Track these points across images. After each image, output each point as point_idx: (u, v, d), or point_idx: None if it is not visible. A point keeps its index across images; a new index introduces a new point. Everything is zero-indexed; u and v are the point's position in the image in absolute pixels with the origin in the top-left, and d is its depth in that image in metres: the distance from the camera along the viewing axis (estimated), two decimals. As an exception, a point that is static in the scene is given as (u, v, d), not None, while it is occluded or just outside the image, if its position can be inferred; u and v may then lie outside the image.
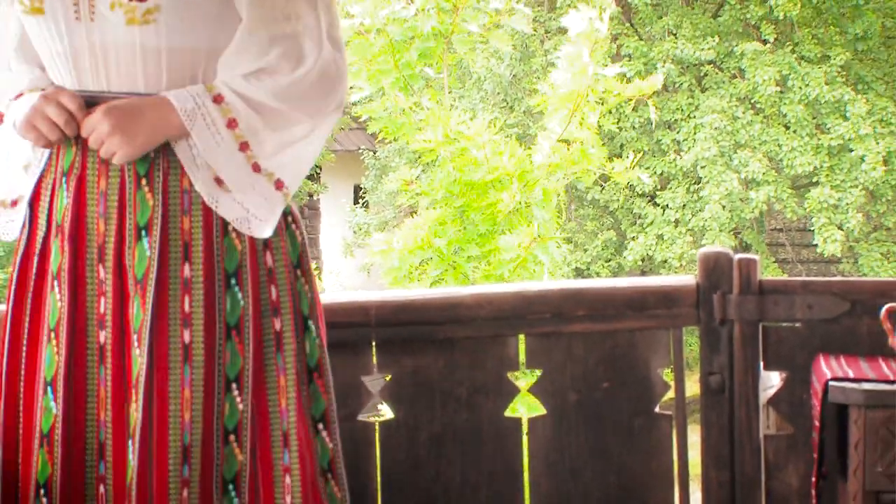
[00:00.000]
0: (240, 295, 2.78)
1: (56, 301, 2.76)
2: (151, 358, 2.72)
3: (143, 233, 2.73)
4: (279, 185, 2.78)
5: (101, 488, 2.78)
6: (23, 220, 2.87)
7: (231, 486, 2.79)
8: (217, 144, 2.72)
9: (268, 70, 2.74)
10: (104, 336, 2.77)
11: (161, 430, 2.72)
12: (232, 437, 2.79)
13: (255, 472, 2.82)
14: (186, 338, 2.74)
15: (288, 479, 2.82)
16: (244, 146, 2.73)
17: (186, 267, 2.75)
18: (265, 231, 2.77)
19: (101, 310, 2.76)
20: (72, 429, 2.77)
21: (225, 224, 2.76)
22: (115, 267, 2.75)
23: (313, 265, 3.02)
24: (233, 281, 2.78)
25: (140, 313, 2.72)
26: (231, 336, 2.77)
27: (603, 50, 8.13)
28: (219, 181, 2.74)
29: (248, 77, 2.73)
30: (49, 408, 2.75)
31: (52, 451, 2.74)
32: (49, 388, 2.76)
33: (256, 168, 2.75)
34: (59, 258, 2.76)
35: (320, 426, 2.93)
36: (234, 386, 2.77)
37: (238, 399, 2.78)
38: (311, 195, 22.71)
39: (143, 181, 2.74)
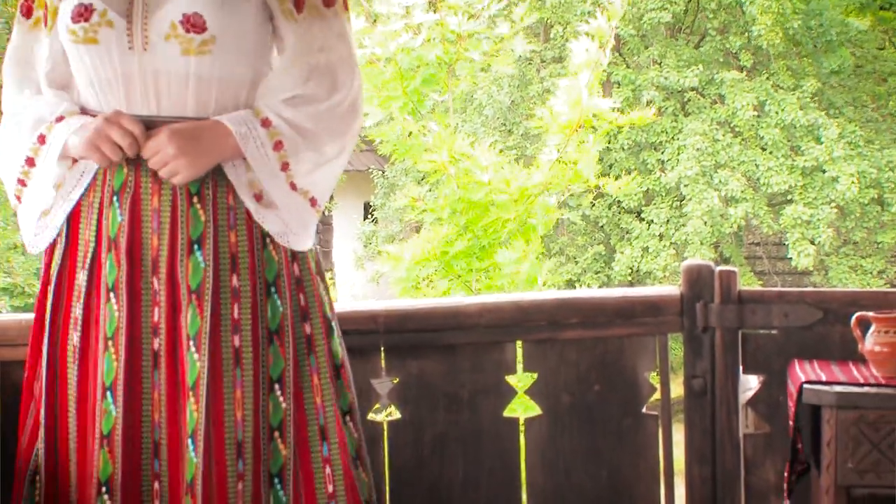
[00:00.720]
0: (279, 302, 2.83)
1: (114, 311, 2.76)
2: (211, 363, 2.75)
3: (196, 246, 2.76)
4: (313, 202, 2.86)
5: (157, 484, 2.80)
6: (52, 234, 2.87)
7: (277, 480, 2.83)
8: (265, 165, 2.76)
9: (306, 97, 2.78)
10: (158, 343, 2.78)
11: (217, 428, 2.76)
12: (276, 434, 2.83)
13: (297, 465, 2.85)
14: (236, 342, 2.78)
15: (328, 469, 2.86)
16: (285, 166, 2.78)
17: (234, 277, 2.79)
18: (301, 244, 2.85)
19: (156, 318, 2.78)
20: (130, 430, 2.78)
21: (264, 237, 2.82)
22: (167, 278, 2.77)
23: (327, 276, 3.05)
24: (272, 289, 2.83)
25: (197, 321, 2.75)
26: (273, 340, 2.82)
27: (600, 80, 8.16)
28: (262, 198, 2.79)
29: (288, 102, 2.77)
30: (109, 411, 2.76)
31: (112, 451, 2.75)
32: (109, 393, 2.76)
33: (293, 187, 2.80)
34: (115, 271, 2.77)
35: (347, 418, 2.96)
36: (276, 386, 2.82)
37: (281, 398, 2.83)
38: (325, 212, 22.73)
39: (195, 199, 2.77)
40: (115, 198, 2.78)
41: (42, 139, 2.81)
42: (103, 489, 2.76)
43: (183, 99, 2.75)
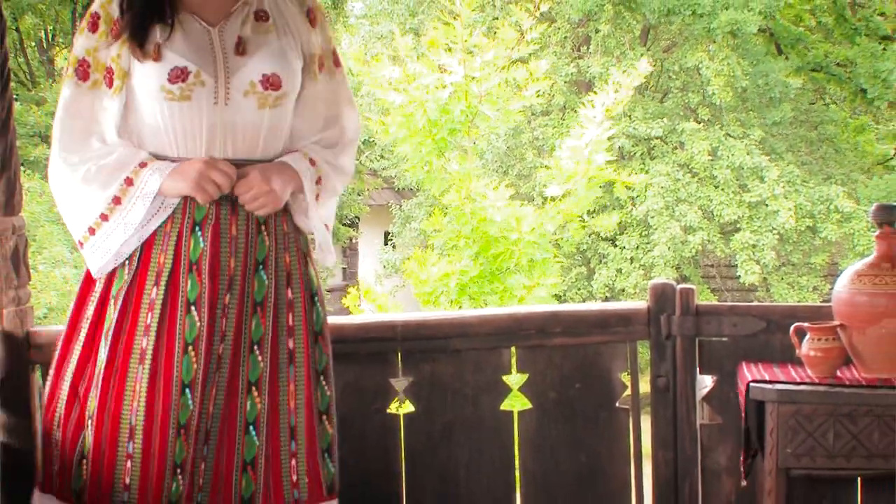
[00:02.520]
0: (320, 309, 2.90)
1: (195, 322, 2.75)
2: (270, 362, 2.81)
3: (261, 266, 2.81)
4: (327, 227, 2.93)
5: (203, 465, 2.79)
6: (119, 260, 2.83)
7: (327, 455, 2.90)
8: (310, 196, 2.83)
9: (326, 140, 2.89)
10: (223, 347, 2.78)
11: (273, 415, 2.80)
12: (324, 417, 2.89)
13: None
14: (290, 345, 2.83)
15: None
16: (317, 197, 2.85)
17: (289, 291, 2.84)
18: (330, 260, 2.97)
19: (223, 328, 2.78)
20: (204, 421, 2.78)
21: (305, 257, 2.88)
22: (240, 293, 2.79)
23: (352, 291, 3.10)
24: (315, 299, 2.90)
25: (261, 328, 2.80)
26: (318, 341, 2.89)
27: (604, 146, 8.32)
28: (305, 223, 2.88)
29: (319, 144, 2.88)
30: (187, 405, 2.74)
31: (187, 439, 2.74)
32: (187, 389, 2.74)
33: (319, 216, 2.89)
34: (197, 288, 2.76)
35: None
36: (321, 378, 2.88)
37: (326, 388, 2.89)
38: (351, 239, 22.81)
39: (263, 227, 2.81)
40: (196, 227, 2.78)
41: (129, 181, 2.76)
42: (178, 471, 2.75)
43: (255, 144, 2.79)
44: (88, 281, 2.86)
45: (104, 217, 2.80)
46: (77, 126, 2.81)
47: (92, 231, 2.81)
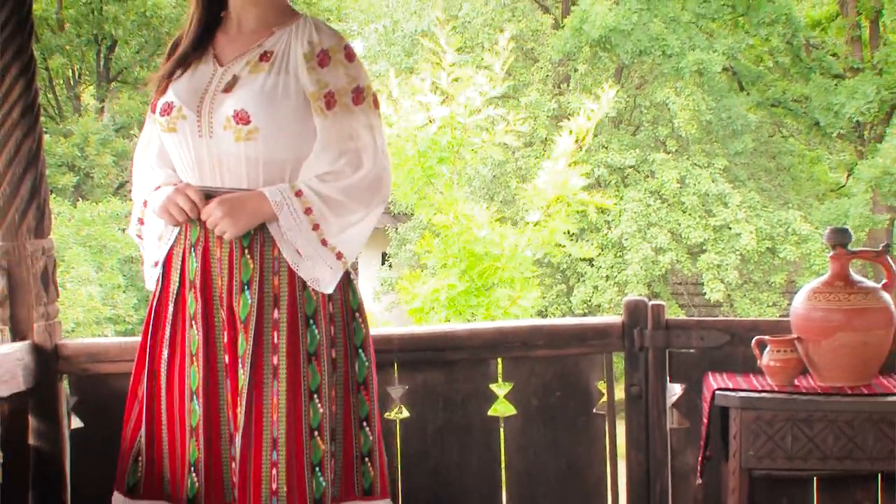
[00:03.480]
0: (316, 331, 2.82)
1: (195, 335, 2.80)
2: (251, 376, 2.76)
3: (246, 287, 2.78)
4: (339, 256, 2.84)
5: (233, 465, 2.81)
6: (156, 274, 2.93)
7: (317, 469, 2.82)
8: (297, 225, 2.76)
9: (334, 173, 2.79)
10: (227, 359, 2.79)
11: (257, 426, 2.76)
12: (315, 433, 2.81)
13: (337, 458, 2.89)
14: (275, 361, 2.78)
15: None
16: (316, 227, 2.78)
17: (275, 311, 2.79)
18: (328, 289, 2.83)
19: (225, 340, 2.79)
20: (211, 424, 2.80)
21: (303, 281, 2.81)
22: (227, 311, 2.79)
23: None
24: (311, 321, 2.82)
25: (244, 344, 2.77)
26: (311, 361, 2.81)
27: (578, 169, 8.37)
28: (298, 252, 2.79)
29: (320, 177, 2.78)
30: (195, 410, 2.79)
31: (198, 440, 2.78)
32: (194, 396, 2.80)
33: (324, 243, 2.80)
34: (194, 305, 2.80)
35: (364, 423, 2.94)
36: (315, 396, 2.81)
37: (319, 405, 2.81)
38: (351, 259, 22.85)
39: (246, 251, 2.79)
40: (192, 249, 2.82)
41: (145, 203, 2.93)
42: (191, 469, 2.80)
43: (239, 175, 2.78)
44: (164, 300, 2.91)
45: (139, 236, 3.02)
46: (140, 153, 3.03)
47: (140, 236, 3.03)
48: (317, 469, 2.81)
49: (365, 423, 2.94)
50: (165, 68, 2.87)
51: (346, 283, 2.91)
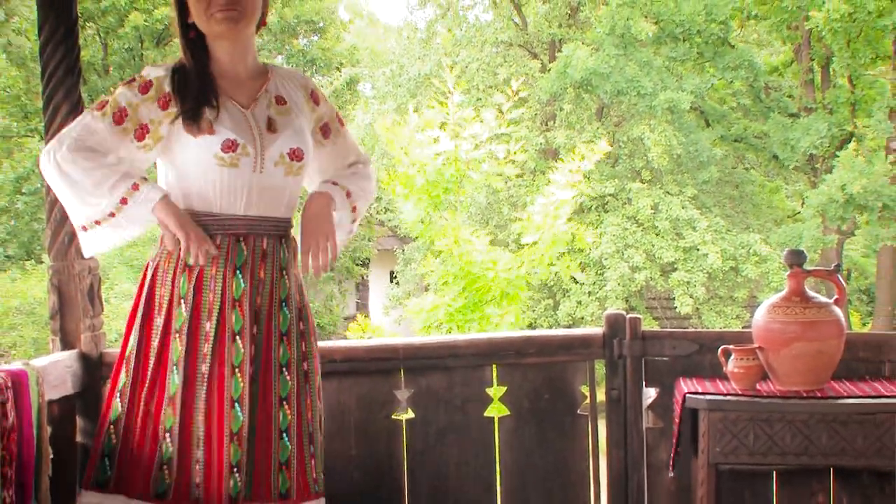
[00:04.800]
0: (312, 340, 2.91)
1: (240, 349, 2.73)
2: (297, 381, 2.81)
3: (284, 303, 2.81)
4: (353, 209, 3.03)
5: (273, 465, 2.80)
6: (110, 246, 2.83)
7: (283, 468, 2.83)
8: (343, 216, 2.97)
9: (355, 170, 3.04)
10: (253, 369, 2.76)
11: (298, 424, 2.81)
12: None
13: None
14: (305, 367, 2.84)
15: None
16: (354, 209, 3.00)
17: (301, 324, 2.85)
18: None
19: (252, 353, 2.76)
20: (253, 430, 2.75)
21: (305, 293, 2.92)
22: (267, 325, 2.79)
23: (364, 318, 3.11)
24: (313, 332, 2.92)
25: (287, 353, 2.79)
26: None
27: (567, 205, 8.43)
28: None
29: (356, 175, 3.03)
30: (238, 416, 2.72)
31: (241, 444, 2.71)
32: (237, 404, 2.73)
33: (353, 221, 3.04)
34: (240, 321, 2.75)
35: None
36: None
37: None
38: (362, 276, 22.84)
39: (284, 272, 2.82)
40: (238, 271, 2.77)
41: (136, 187, 2.71)
42: (234, 470, 2.72)
43: (278, 204, 2.81)
44: (149, 316, 2.79)
45: (111, 214, 2.73)
46: (95, 141, 2.73)
47: (98, 223, 2.75)
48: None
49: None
50: (194, 102, 2.74)
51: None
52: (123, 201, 2.72)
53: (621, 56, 18.61)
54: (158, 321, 2.77)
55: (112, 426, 2.76)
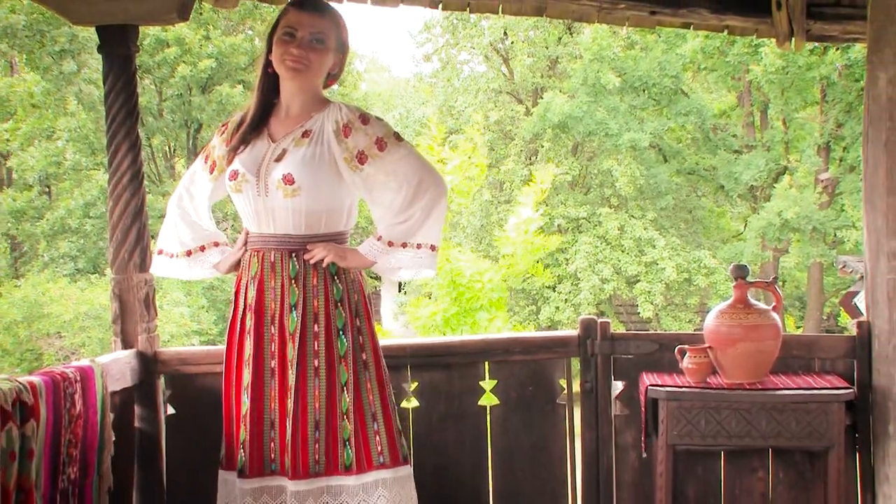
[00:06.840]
0: (345, 339, 2.79)
1: (249, 345, 2.79)
2: (298, 376, 2.75)
3: (293, 308, 2.76)
4: (432, 247, 2.88)
5: (272, 444, 2.79)
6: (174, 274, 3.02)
7: (347, 444, 2.79)
8: (390, 257, 2.83)
9: (407, 216, 2.84)
10: (274, 363, 2.77)
11: (303, 413, 2.75)
12: (345, 417, 2.79)
13: (357, 434, 2.81)
14: (315, 364, 2.76)
15: (377, 438, 2.82)
16: (404, 245, 2.83)
17: (315, 326, 2.77)
18: (433, 270, 2.94)
19: (273, 349, 2.77)
20: (256, 413, 2.78)
21: (336, 302, 2.79)
22: (279, 327, 2.77)
23: (376, 323, 3.07)
24: (341, 332, 2.79)
25: (292, 351, 2.75)
26: (341, 362, 2.78)
27: (535, 222, 8.45)
28: (397, 268, 2.86)
29: (397, 219, 2.82)
30: (244, 402, 2.78)
31: (247, 426, 2.78)
32: (244, 392, 2.79)
33: (417, 246, 2.85)
34: (250, 322, 2.80)
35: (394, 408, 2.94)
36: (344, 389, 2.78)
37: (347, 397, 2.78)
38: (375, 287, 22.81)
39: (293, 280, 2.78)
40: (250, 281, 2.82)
41: (202, 249, 2.99)
42: (242, 447, 2.80)
43: (287, 222, 2.77)
44: (234, 320, 2.87)
45: (188, 253, 2.98)
46: (191, 181, 3.00)
47: (175, 255, 3.00)
48: (346, 443, 2.79)
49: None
50: (233, 143, 2.83)
51: (366, 308, 2.88)
52: (202, 248, 2.99)
53: (592, 102, 18.73)
54: (237, 326, 2.87)
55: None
